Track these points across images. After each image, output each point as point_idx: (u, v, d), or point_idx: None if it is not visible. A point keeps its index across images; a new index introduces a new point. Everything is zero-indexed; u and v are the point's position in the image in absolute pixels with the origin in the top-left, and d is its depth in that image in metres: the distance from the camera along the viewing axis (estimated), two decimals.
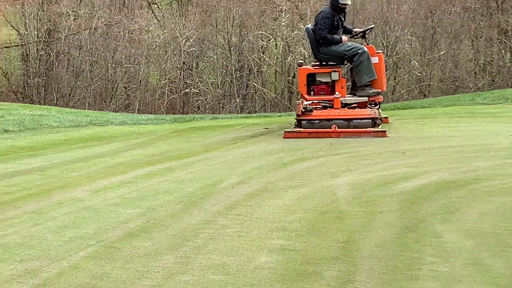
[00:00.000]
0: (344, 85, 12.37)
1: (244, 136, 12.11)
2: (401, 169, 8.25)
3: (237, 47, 31.27)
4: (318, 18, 12.52)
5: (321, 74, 12.43)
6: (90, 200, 7.01)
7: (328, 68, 12.40)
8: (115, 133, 12.72)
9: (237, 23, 31.33)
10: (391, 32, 30.47)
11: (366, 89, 12.20)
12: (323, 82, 12.39)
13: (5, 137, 11.74)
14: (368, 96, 12.19)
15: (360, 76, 12.21)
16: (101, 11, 31.14)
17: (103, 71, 30.56)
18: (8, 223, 6.16)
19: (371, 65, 12.16)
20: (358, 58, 12.14)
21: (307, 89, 12.42)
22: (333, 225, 5.94)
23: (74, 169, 8.87)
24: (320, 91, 12.34)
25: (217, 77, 31.58)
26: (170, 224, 6.06)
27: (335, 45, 12.30)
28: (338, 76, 12.28)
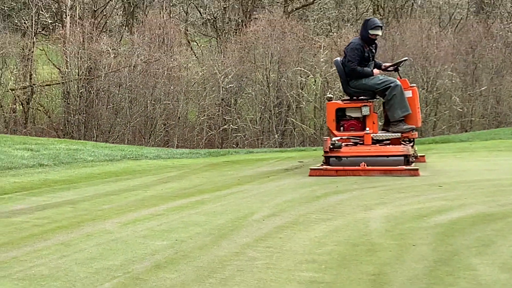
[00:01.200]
0: (375, 121, 11.82)
1: (278, 169, 12.04)
2: (436, 202, 8.10)
3: (276, 83, 31.35)
4: (347, 49, 12.02)
5: (351, 109, 11.91)
6: (119, 232, 6.95)
7: (358, 102, 11.88)
8: (149, 166, 12.72)
9: (275, 60, 31.42)
10: (431, 68, 30.35)
11: (400, 125, 11.64)
12: (353, 117, 11.88)
13: (40, 171, 11.79)
14: (401, 132, 11.60)
15: (393, 111, 11.63)
16: (140, 49, 31.43)
17: (142, 108, 30.77)
18: (36, 254, 6.11)
19: (405, 99, 11.57)
20: (391, 92, 11.57)
21: (336, 125, 11.90)
22: (364, 258, 5.80)
23: (105, 202, 8.85)
24: (350, 127, 11.84)
25: (256, 113, 31.63)
26: (198, 256, 5.97)
27: (366, 78, 11.76)
28: (369, 111, 11.72)
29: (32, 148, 14.00)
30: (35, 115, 33.20)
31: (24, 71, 32.52)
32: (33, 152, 13.63)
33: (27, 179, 10.88)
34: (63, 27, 33.69)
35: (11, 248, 6.38)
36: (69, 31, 32.38)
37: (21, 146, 14.31)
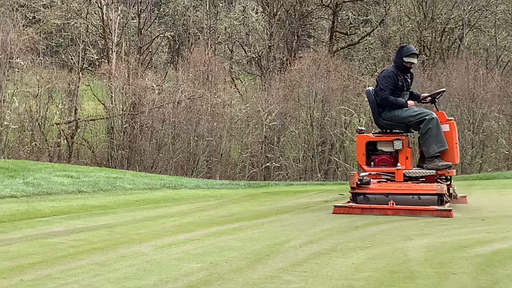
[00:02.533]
0: (409, 156, 10.87)
1: (318, 201, 11.92)
2: (478, 235, 7.93)
3: (319, 122, 31.27)
4: (380, 77, 11.09)
5: (383, 142, 10.95)
6: (154, 255, 6.89)
7: (390, 136, 10.93)
8: (187, 195, 12.69)
9: (319, 98, 31.40)
10: (477, 109, 30.05)
11: (435, 161, 10.64)
12: (385, 152, 10.95)
13: (79, 197, 11.82)
14: (436, 169, 10.62)
15: (428, 145, 10.67)
16: (184, 85, 31.62)
17: (185, 144, 30.87)
18: (69, 273, 6.07)
19: (441, 134, 10.61)
20: (426, 125, 10.61)
21: (366, 159, 10.99)
22: (402, 284, 5.66)
23: (142, 227, 8.81)
24: (381, 162, 10.93)
25: (299, 151, 31.55)
26: (232, 278, 5.88)
27: (399, 110, 10.84)
28: (401, 145, 10.75)
29: (72, 175, 14.07)
30: (79, 150, 33.50)
31: (70, 105, 32.89)
32: (73, 179, 13.69)
33: (66, 204, 10.91)
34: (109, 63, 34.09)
35: (45, 266, 6.35)
36: (114, 66, 32.73)
37: (61, 173, 14.39)
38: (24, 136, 30.11)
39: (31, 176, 13.11)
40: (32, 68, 30.80)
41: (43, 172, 14.19)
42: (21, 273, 6.05)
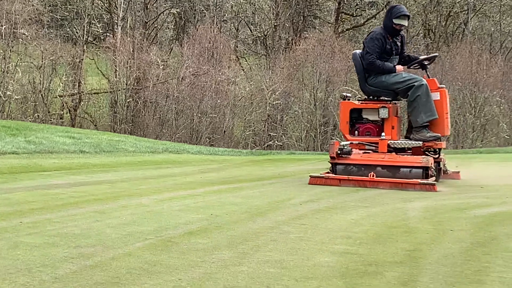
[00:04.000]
0: (395, 125, 10.17)
1: (319, 168, 11.93)
2: (477, 199, 7.96)
3: (323, 102, 31.22)
4: (366, 40, 10.31)
5: (368, 110, 10.26)
6: (155, 206, 6.93)
7: (377, 103, 10.23)
8: (190, 159, 12.73)
9: (323, 79, 31.35)
10: (479, 93, 29.99)
11: (423, 132, 9.97)
12: (370, 120, 10.28)
13: (81, 156, 11.85)
14: (424, 140, 9.94)
15: (416, 114, 9.98)
16: (189, 61, 31.55)
17: (188, 120, 30.83)
18: (69, 218, 6.10)
19: (431, 102, 9.88)
20: (414, 92, 9.87)
21: (350, 128, 10.31)
22: (400, 237, 5.68)
23: (143, 184, 8.86)
24: (366, 131, 10.24)
25: (301, 131, 31.53)
26: (232, 228, 5.91)
27: (386, 75, 10.05)
28: (387, 113, 10.05)
29: (74, 137, 14.09)
30: (81, 123, 33.50)
31: (73, 78, 32.87)
32: (75, 140, 13.71)
33: (67, 161, 10.95)
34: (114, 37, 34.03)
35: (45, 212, 6.39)
36: (119, 41, 32.68)
37: (63, 134, 14.42)
38: (27, 107, 30.12)
39: (33, 135, 13.12)
40: (36, 40, 30.74)
41: (45, 132, 14.21)
42: (21, 217, 6.08)
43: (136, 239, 5.28)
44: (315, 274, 4.40)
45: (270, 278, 4.24)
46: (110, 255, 4.73)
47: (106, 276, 4.15)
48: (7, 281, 3.96)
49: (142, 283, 4.03)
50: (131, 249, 4.95)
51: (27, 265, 4.35)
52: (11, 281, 3.97)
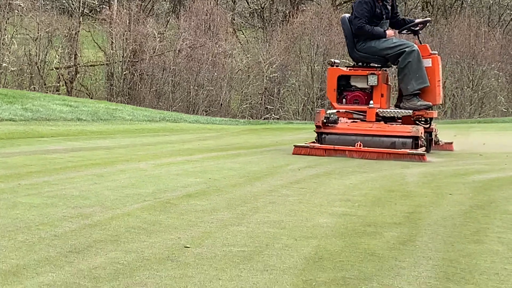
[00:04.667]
0: (385, 93, 9.72)
1: None
2: (476, 166, 7.98)
3: (320, 76, 31.12)
4: (355, 4, 9.79)
5: (356, 77, 9.77)
6: (153, 171, 6.93)
7: (366, 70, 9.75)
8: (187, 128, 12.72)
9: (321, 51, 31.25)
10: (477, 66, 29.91)
11: (413, 100, 9.54)
12: (359, 88, 9.79)
13: (78, 124, 11.83)
14: (414, 109, 9.54)
15: (406, 82, 9.53)
16: (186, 34, 31.40)
17: (185, 92, 30.74)
18: (67, 181, 6.10)
19: (422, 69, 9.44)
20: (405, 59, 9.43)
21: (337, 96, 9.87)
22: (399, 200, 5.69)
23: (141, 150, 8.85)
24: (354, 99, 9.79)
25: (298, 104, 31.47)
26: (231, 191, 5.91)
27: (376, 41, 9.59)
28: (376, 81, 9.57)
29: (71, 105, 14.05)
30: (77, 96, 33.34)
31: (69, 50, 32.71)
32: (72, 108, 13.67)
33: (64, 128, 10.94)
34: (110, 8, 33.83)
35: (43, 175, 6.38)
36: (115, 13, 32.50)
37: (60, 102, 14.38)
38: (23, 79, 30.01)
39: (30, 103, 13.07)
40: (32, 11, 30.56)
41: (42, 100, 14.17)
42: (19, 179, 6.07)
43: (134, 201, 5.28)
44: (314, 234, 4.40)
45: (269, 238, 4.24)
46: (109, 215, 4.72)
47: (105, 234, 4.15)
48: (6, 238, 3.96)
49: (141, 241, 4.03)
50: (130, 209, 4.95)
51: (26, 224, 4.34)
52: (11, 238, 3.96)
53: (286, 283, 3.28)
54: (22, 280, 3.17)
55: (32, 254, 3.64)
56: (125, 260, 3.59)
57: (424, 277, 3.45)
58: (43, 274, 3.28)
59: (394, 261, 3.76)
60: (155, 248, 3.86)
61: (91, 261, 3.55)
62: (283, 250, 3.93)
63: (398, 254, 3.92)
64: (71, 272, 3.34)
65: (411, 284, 3.31)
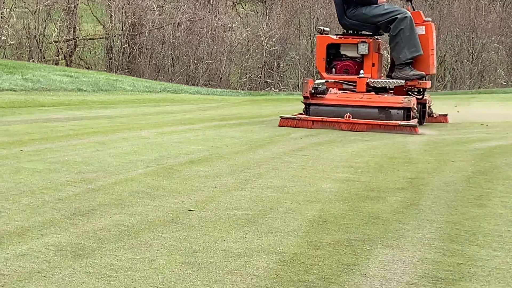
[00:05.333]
0: (376, 63, 9.30)
1: None
2: (478, 134, 7.99)
3: None
4: None
5: (346, 45, 9.35)
6: (155, 138, 6.93)
7: (356, 38, 9.33)
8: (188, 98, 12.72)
9: (320, 25, 31.07)
10: (477, 39, 29.82)
11: (406, 69, 9.12)
12: (349, 57, 9.38)
13: (79, 94, 11.83)
14: (406, 79, 9.10)
15: (398, 50, 9.12)
16: (185, 7, 31.27)
17: (184, 66, 30.67)
18: (70, 148, 6.10)
19: (415, 37, 9.05)
20: (397, 26, 9.02)
21: (326, 65, 9.41)
22: (401, 167, 5.69)
23: (142, 119, 8.86)
24: (344, 69, 9.37)
25: (298, 78, 31.39)
26: (233, 158, 5.92)
27: (367, 7, 9.20)
28: (367, 49, 9.15)
29: (72, 75, 14.05)
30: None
31: (68, 24, 32.58)
32: (73, 78, 13.67)
33: (65, 98, 10.95)
34: None
35: (45, 142, 6.39)
36: None
37: (60, 73, 14.37)
38: (22, 53, 29.91)
39: (30, 74, 13.05)
40: None
41: (42, 70, 14.15)
42: (21, 146, 6.08)
43: (137, 167, 5.28)
44: (317, 198, 4.40)
45: (273, 202, 4.25)
46: (112, 180, 4.73)
47: (109, 198, 4.16)
48: (10, 201, 3.97)
49: (145, 204, 4.04)
50: (133, 175, 4.96)
51: (30, 188, 4.35)
52: (15, 201, 3.97)
53: (291, 244, 3.29)
54: (27, 241, 3.18)
55: (36, 216, 3.64)
56: (129, 223, 3.59)
57: (428, 238, 3.45)
58: (48, 235, 3.28)
59: (398, 223, 3.76)
60: (159, 212, 3.87)
61: (95, 223, 3.55)
62: (287, 213, 3.93)
63: (402, 217, 3.92)
64: (76, 233, 3.34)
65: (415, 246, 3.31)
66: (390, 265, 2.99)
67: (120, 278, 2.70)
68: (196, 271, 2.84)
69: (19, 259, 2.89)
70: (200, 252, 3.11)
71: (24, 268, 2.78)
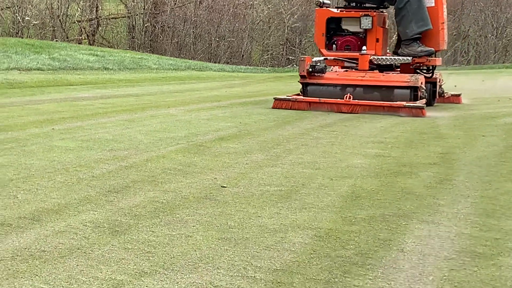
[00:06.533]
0: (380, 38, 8.50)
1: None
2: (507, 109, 7.92)
3: None
4: None
5: (348, 19, 8.56)
6: (183, 116, 6.95)
7: (358, 11, 8.52)
8: (213, 76, 12.73)
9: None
10: (501, 14, 29.53)
11: (413, 45, 8.36)
12: (351, 32, 8.62)
13: (105, 73, 11.89)
14: (414, 55, 8.34)
15: (405, 24, 8.32)
16: None
17: (206, 44, 30.63)
18: (100, 126, 6.13)
19: (423, 10, 8.25)
20: None
21: (326, 41, 8.66)
22: (432, 142, 5.67)
23: (169, 97, 8.89)
24: (345, 45, 8.58)
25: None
26: (262, 134, 5.92)
27: None
28: (371, 23, 8.34)
29: (98, 54, 14.11)
30: None
31: (91, 3, 32.61)
32: (99, 57, 13.73)
33: (92, 77, 11.01)
34: None
35: (75, 120, 6.43)
36: None
37: (86, 52, 14.44)
38: (46, 33, 29.99)
39: (57, 53, 13.12)
40: None
41: (68, 50, 14.22)
42: (52, 124, 6.12)
43: (168, 144, 5.30)
44: (349, 174, 4.40)
45: (304, 178, 4.24)
46: (144, 157, 4.74)
47: (142, 175, 4.17)
48: (46, 179, 3.99)
49: (178, 181, 4.05)
50: (164, 152, 4.97)
51: (64, 166, 4.38)
52: (50, 179, 3.99)
53: (325, 220, 3.29)
54: (65, 217, 3.20)
55: (72, 193, 3.67)
56: (163, 199, 3.61)
57: (464, 213, 3.44)
58: (84, 212, 3.31)
59: (432, 199, 3.75)
60: (193, 188, 3.88)
61: (130, 200, 3.57)
62: (320, 189, 3.93)
63: (436, 192, 3.91)
64: (112, 210, 3.36)
65: (451, 220, 3.30)
66: (427, 240, 2.98)
67: (158, 254, 2.72)
68: (233, 247, 2.84)
69: (58, 236, 2.91)
70: (236, 228, 3.12)
71: (64, 245, 2.80)
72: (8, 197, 3.54)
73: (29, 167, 4.27)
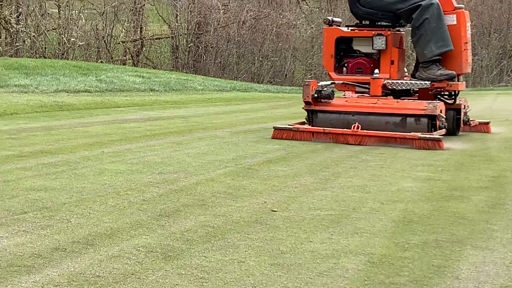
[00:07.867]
0: (396, 60, 7.57)
1: None
2: None
3: None
4: None
5: (360, 39, 7.70)
6: (230, 138, 6.97)
7: (371, 30, 7.64)
8: (258, 97, 12.77)
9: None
10: None
11: (432, 68, 7.43)
12: (363, 53, 7.74)
13: (151, 94, 11.99)
14: (433, 80, 7.40)
15: (423, 45, 7.45)
16: (250, 5, 31.35)
17: (249, 64, 30.76)
18: (148, 148, 6.18)
19: (443, 28, 7.37)
20: (421, 15, 7.36)
21: (336, 64, 7.81)
22: (482, 165, 5.62)
23: (215, 119, 8.93)
24: (357, 68, 7.70)
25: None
26: (310, 157, 5.92)
27: None
28: (385, 44, 7.45)
29: (144, 76, 14.23)
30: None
31: (135, 24, 32.94)
32: (145, 79, 13.85)
33: (139, 98, 11.11)
34: None
35: (124, 143, 6.48)
36: None
37: (132, 73, 14.57)
38: (91, 53, 30.37)
39: (104, 75, 13.27)
40: None
41: (115, 71, 14.37)
42: (102, 147, 6.17)
43: (216, 167, 5.31)
44: (400, 198, 4.36)
45: (355, 202, 4.22)
46: (193, 181, 4.76)
47: (192, 199, 4.19)
48: (98, 203, 4.02)
49: (228, 205, 4.06)
50: (213, 175, 4.98)
51: (115, 189, 4.40)
52: (102, 203, 4.02)
53: (378, 245, 3.26)
54: (118, 242, 3.22)
55: (124, 217, 3.69)
56: (214, 224, 3.61)
57: None
58: (137, 237, 3.32)
59: (485, 224, 3.71)
60: (243, 212, 3.88)
61: (181, 225, 3.58)
62: (371, 213, 3.91)
63: (489, 217, 3.86)
64: (164, 234, 3.37)
65: (506, 247, 3.26)
66: (482, 267, 2.95)
67: (212, 280, 2.72)
68: (286, 272, 2.84)
69: (112, 261, 2.93)
70: (288, 253, 3.11)
71: (118, 270, 2.81)
72: (61, 221, 3.57)
73: (81, 191, 4.31)
